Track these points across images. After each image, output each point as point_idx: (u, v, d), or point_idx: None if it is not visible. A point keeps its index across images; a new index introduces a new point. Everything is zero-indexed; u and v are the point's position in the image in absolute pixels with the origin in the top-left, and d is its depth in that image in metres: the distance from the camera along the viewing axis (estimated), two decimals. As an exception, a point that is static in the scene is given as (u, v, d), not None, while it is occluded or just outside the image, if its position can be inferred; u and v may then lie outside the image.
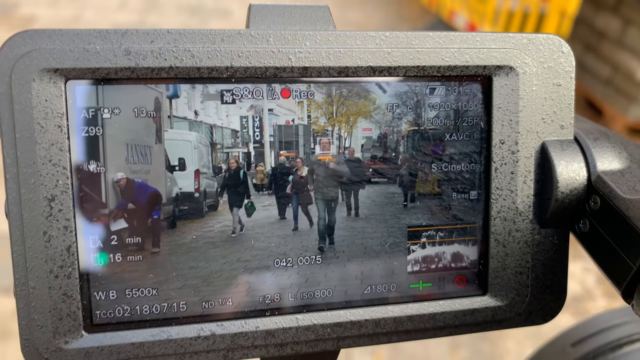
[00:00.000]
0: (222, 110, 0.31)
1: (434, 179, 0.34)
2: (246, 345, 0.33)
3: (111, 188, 0.30)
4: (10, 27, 4.04)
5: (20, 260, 0.30)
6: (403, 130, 0.33)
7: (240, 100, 0.31)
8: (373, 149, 0.33)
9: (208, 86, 0.30)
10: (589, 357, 0.42)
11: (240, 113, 0.31)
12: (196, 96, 0.30)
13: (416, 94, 0.33)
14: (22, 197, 0.29)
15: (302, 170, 0.32)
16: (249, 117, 0.31)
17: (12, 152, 0.29)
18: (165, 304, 0.32)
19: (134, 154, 0.30)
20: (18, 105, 0.28)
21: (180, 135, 0.30)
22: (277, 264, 0.33)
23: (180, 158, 0.31)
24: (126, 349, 0.31)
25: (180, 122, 0.30)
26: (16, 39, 0.28)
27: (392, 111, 0.33)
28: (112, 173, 0.30)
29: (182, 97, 0.30)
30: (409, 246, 0.35)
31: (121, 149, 0.30)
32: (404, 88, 0.33)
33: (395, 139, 0.33)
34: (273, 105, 0.32)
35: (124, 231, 0.31)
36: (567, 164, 0.34)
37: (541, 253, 0.36)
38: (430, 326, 0.35)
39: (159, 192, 0.30)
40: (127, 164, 0.30)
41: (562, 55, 0.34)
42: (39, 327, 0.30)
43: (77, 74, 0.29)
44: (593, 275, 2.15)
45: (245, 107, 0.31)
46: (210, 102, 0.31)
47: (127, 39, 0.29)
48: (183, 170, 0.31)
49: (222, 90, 0.31)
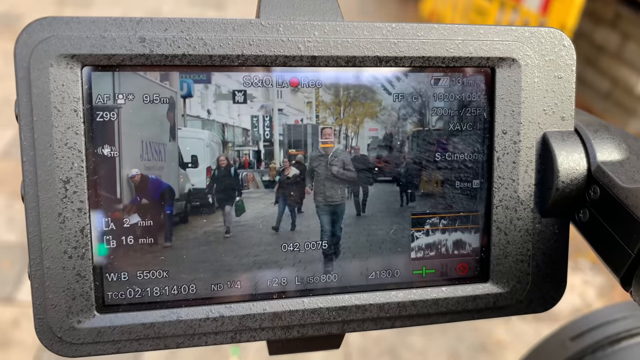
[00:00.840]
0: (234, 110, 0.32)
1: (437, 168, 0.35)
2: (253, 327, 0.33)
3: (126, 183, 0.31)
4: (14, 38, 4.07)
5: (35, 241, 0.30)
6: (408, 130, 0.34)
7: (251, 100, 0.32)
8: (379, 148, 0.34)
9: (220, 86, 0.31)
10: (587, 351, 0.43)
11: (251, 112, 0.32)
12: (209, 96, 0.31)
13: (421, 95, 0.34)
14: (38, 179, 0.30)
15: (289, 171, 0.33)
16: (260, 117, 0.32)
17: (29, 135, 0.30)
18: (175, 286, 0.33)
19: (148, 151, 0.31)
20: (36, 90, 0.29)
21: (193, 134, 0.31)
22: (284, 248, 0.33)
23: (193, 155, 0.32)
24: (137, 329, 0.32)
25: (194, 120, 0.31)
26: (35, 25, 0.29)
27: (398, 112, 0.34)
28: (126, 158, 0.31)
29: (195, 96, 0.31)
30: (412, 233, 0.35)
31: (136, 146, 0.31)
32: (409, 90, 0.34)
33: (401, 138, 0.34)
34: (283, 105, 0.33)
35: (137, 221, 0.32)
36: (567, 155, 0.34)
37: (542, 242, 0.36)
38: (433, 311, 0.36)
39: (172, 188, 0.31)
40: (141, 160, 0.31)
41: (563, 48, 0.35)
42: (52, 307, 0.31)
43: (93, 60, 0.30)
44: (593, 289, 2.15)
45: (256, 107, 0.32)
46: (222, 101, 0.32)
47: (142, 27, 0.30)
48: (195, 167, 0.32)
49: (234, 90, 0.32)
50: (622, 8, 3.18)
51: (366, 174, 0.34)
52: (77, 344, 0.31)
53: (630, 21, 3.12)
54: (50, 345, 0.31)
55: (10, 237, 2.29)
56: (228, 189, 0.32)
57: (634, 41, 3.10)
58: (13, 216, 2.40)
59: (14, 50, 0.29)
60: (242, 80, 0.32)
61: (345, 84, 0.33)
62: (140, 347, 0.32)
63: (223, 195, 0.32)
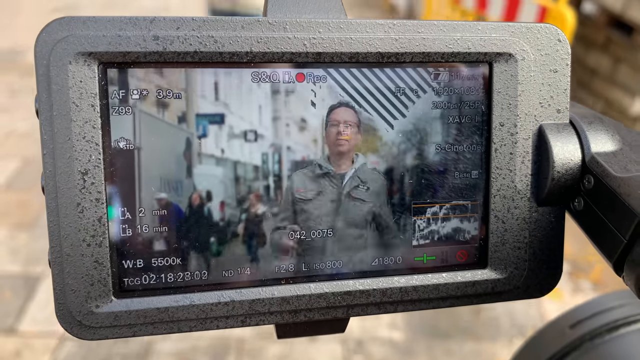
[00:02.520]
0: (246, 148, 0.34)
1: (438, 159, 0.36)
2: (263, 311, 0.34)
3: (153, 203, 0.33)
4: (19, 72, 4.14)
5: (55, 230, 0.32)
6: (408, 163, 0.36)
7: (261, 139, 0.34)
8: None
9: (233, 127, 0.33)
10: (586, 338, 0.43)
11: (262, 150, 0.34)
12: (223, 135, 0.33)
13: (419, 131, 0.36)
14: (57, 171, 0.31)
15: (256, 207, 0.34)
16: (269, 154, 0.34)
17: (49, 130, 0.31)
18: (188, 272, 0.34)
19: (166, 187, 0.33)
20: (55, 86, 0.31)
21: (208, 170, 0.33)
22: (292, 236, 0.35)
23: (208, 191, 0.34)
24: (152, 313, 0.33)
25: (209, 158, 0.33)
26: (54, 25, 0.31)
27: (398, 147, 0.36)
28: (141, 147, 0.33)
29: (210, 136, 0.33)
30: (414, 221, 0.37)
31: (155, 181, 0.33)
32: (409, 127, 0.36)
33: (401, 169, 0.36)
34: (291, 142, 0.34)
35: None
36: (563, 146, 0.36)
37: (538, 230, 0.37)
38: (433, 296, 0.37)
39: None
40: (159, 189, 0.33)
41: (558, 43, 0.37)
42: (72, 292, 0.32)
43: (110, 58, 0.31)
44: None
45: (266, 145, 0.34)
46: (235, 140, 0.33)
47: (155, 25, 0.32)
48: (210, 202, 0.34)
49: (246, 130, 0.33)
50: (612, 32, 3.24)
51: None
52: (95, 328, 0.33)
53: (621, 45, 3.18)
54: (71, 328, 0.33)
55: (13, 268, 2.29)
56: (199, 232, 0.34)
57: (625, 64, 3.15)
58: (16, 248, 2.40)
59: (34, 48, 0.31)
60: (250, 76, 0.33)
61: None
62: (155, 331, 0.33)
63: (195, 238, 0.34)
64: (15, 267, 2.31)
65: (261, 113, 0.34)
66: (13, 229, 2.53)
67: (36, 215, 2.61)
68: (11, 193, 2.80)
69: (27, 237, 2.47)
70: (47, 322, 2.05)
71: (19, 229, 2.52)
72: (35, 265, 2.31)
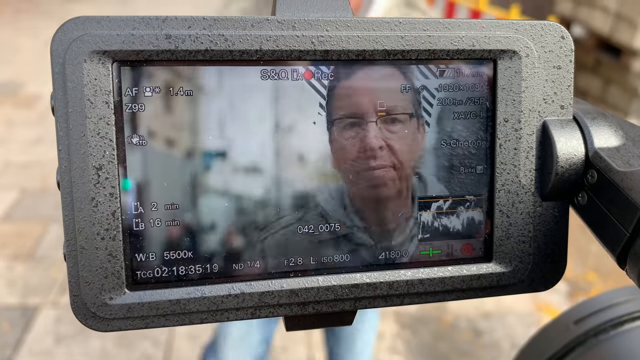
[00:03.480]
0: (249, 181, 0.35)
1: (443, 154, 0.37)
2: (272, 303, 0.35)
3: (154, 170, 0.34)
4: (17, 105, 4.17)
5: (70, 224, 0.32)
6: (414, 158, 0.37)
7: (263, 171, 0.35)
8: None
9: (238, 160, 0.34)
10: (590, 334, 0.43)
11: (264, 183, 0.35)
12: (227, 168, 0.34)
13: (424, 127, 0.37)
14: (72, 166, 0.32)
15: (233, 240, 0.35)
16: (271, 186, 0.35)
17: (64, 126, 0.32)
18: (199, 265, 0.34)
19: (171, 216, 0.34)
20: (71, 84, 0.32)
21: (212, 202, 0.34)
22: (300, 230, 0.36)
23: (213, 222, 0.34)
24: (164, 305, 0.33)
25: (212, 191, 0.34)
26: (69, 24, 0.32)
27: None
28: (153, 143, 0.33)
29: (214, 169, 0.34)
30: (420, 215, 0.37)
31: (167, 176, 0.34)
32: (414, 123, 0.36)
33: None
34: (291, 174, 0.35)
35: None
36: (566, 141, 0.36)
37: (543, 224, 0.38)
38: (439, 289, 0.37)
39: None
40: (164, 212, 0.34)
41: (561, 40, 0.37)
42: (87, 284, 0.33)
43: (123, 56, 0.32)
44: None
45: (268, 176, 0.35)
46: (238, 173, 0.34)
47: (167, 25, 0.33)
48: (213, 230, 0.35)
49: (247, 162, 0.34)
50: (601, 55, 3.31)
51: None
52: (109, 319, 0.33)
53: (610, 67, 3.24)
54: (85, 320, 0.33)
55: (10, 300, 2.27)
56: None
57: (615, 85, 3.20)
58: (13, 279, 2.39)
59: (50, 47, 0.32)
60: (259, 74, 0.34)
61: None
62: (167, 323, 0.34)
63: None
64: (13, 298, 2.29)
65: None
66: (11, 260, 2.51)
67: (34, 246, 2.60)
68: (9, 224, 2.79)
69: (24, 269, 2.46)
70: (44, 354, 2.03)
71: (17, 260, 2.51)
72: (33, 297, 2.29)
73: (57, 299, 2.28)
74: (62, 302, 2.26)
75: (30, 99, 4.30)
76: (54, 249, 2.58)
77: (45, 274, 2.41)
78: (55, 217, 2.82)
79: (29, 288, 2.34)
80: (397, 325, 2.24)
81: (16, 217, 2.86)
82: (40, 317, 2.19)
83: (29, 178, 3.22)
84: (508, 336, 2.19)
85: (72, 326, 2.13)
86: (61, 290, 2.32)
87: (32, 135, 3.75)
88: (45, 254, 2.54)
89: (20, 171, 3.31)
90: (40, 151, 3.53)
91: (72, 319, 2.16)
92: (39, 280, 2.38)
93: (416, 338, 2.18)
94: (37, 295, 2.30)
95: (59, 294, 2.30)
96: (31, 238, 2.66)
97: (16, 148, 3.58)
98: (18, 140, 3.70)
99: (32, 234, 2.69)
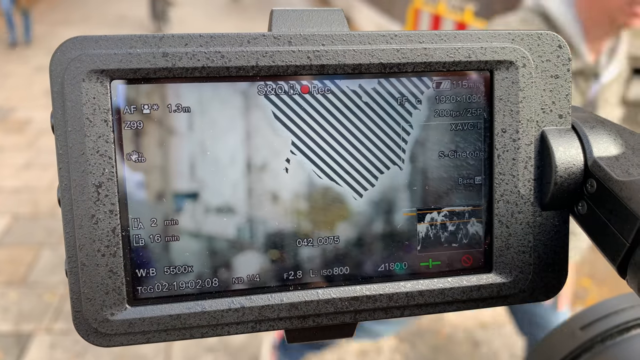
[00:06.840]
0: (221, 221, 0.34)
1: (442, 165, 0.37)
2: (272, 317, 0.35)
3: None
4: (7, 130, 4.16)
5: (71, 241, 0.32)
6: (412, 169, 0.36)
7: (236, 212, 0.35)
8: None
9: (210, 201, 0.34)
10: (597, 340, 0.43)
11: (238, 223, 0.35)
12: (199, 210, 0.34)
13: (422, 138, 0.36)
14: (72, 184, 0.32)
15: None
16: (245, 227, 0.35)
17: (64, 144, 0.32)
18: (199, 280, 0.34)
19: (178, 197, 0.34)
20: (69, 103, 0.32)
21: (185, 245, 0.34)
22: (299, 243, 0.35)
23: (189, 264, 0.34)
24: (165, 320, 0.33)
25: (186, 232, 0.34)
26: (67, 44, 0.32)
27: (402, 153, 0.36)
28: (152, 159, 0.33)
29: (185, 211, 0.34)
30: (419, 227, 0.37)
31: (166, 192, 0.34)
32: (377, 197, 0.36)
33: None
34: (265, 214, 0.35)
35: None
36: (565, 151, 0.36)
37: (542, 234, 0.37)
38: (439, 301, 0.37)
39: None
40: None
41: (559, 49, 0.37)
42: (88, 300, 0.32)
43: (121, 74, 0.32)
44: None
45: (241, 217, 0.35)
46: (211, 213, 0.34)
47: (164, 43, 0.33)
48: (191, 272, 0.35)
49: (220, 203, 0.34)
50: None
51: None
52: (110, 335, 0.33)
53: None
54: (87, 336, 0.33)
55: (3, 327, 2.24)
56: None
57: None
58: (6, 306, 2.35)
59: (49, 67, 0.32)
60: (256, 90, 0.34)
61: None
62: (168, 337, 0.34)
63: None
64: (6, 325, 2.26)
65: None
66: (3, 286, 2.48)
67: (27, 272, 2.58)
68: (1, 250, 2.76)
69: (17, 295, 2.43)
70: (39, 380, 2.00)
71: (9, 287, 2.48)
72: (27, 323, 2.26)
73: (51, 324, 2.25)
74: (55, 327, 2.23)
75: (20, 124, 4.29)
76: (47, 274, 2.56)
77: (38, 299, 2.39)
78: (47, 242, 2.80)
79: (23, 314, 2.31)
80: (395, 339, 2.23)
81: (8, 242, 2.83)
82: (35, 343, 2.16)
83: (20, 203, 3.20)
84: (506, 346, 2.18)
85: (67, 352, 2.10)
86: (55, 315, 2.30)
87: (23, 160, 3.73)
88: (38, 279, 2.52)
89: (11, 197, 3.28)
90: (31, 176, 3.51)
91: (67, 345, 2.13)
92: (32, 306, 2.35)
93: (414, 351, 2.17)
94: (30, 321, 2.27)
95: (53, 320, 2.27)
96: (23, 263, 2.63)
97: (6, 173, 3.57)
98: (8, 165, 3.68)
99: (24, 260, 2.66)
